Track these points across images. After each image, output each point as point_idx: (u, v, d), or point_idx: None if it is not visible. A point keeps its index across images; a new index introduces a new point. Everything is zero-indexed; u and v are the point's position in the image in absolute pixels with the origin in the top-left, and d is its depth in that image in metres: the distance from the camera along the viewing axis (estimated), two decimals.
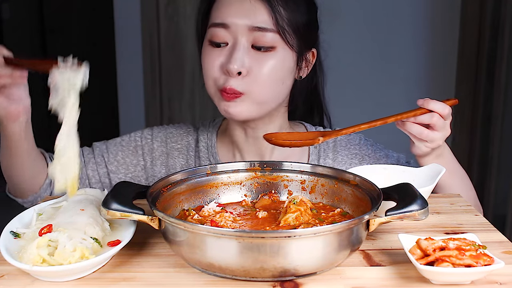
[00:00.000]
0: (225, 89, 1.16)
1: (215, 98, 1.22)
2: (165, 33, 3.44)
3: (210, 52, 1.19)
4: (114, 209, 0.83)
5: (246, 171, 1.06)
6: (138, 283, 0.82)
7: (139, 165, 1.32)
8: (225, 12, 1.17)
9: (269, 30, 1.16)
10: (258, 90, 1.17)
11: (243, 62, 1.15)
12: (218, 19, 1.18)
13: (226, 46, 1.18)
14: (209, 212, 0.97)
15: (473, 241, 0.82)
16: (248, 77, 1.16)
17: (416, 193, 0.87)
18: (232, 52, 1.16)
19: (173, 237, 0.82)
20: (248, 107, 1.18)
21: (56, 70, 0.93)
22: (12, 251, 0.84)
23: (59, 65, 0.93)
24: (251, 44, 1.16)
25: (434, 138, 1.12)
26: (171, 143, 1.35)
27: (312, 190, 1.04)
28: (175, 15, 3.44)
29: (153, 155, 1.33)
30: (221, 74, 1.18)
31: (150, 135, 1.35)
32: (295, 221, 0.92)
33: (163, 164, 1.33)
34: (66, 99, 0.91)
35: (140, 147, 1.33)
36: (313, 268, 0.80)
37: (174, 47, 3.44)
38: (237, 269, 0.78)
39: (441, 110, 1.10)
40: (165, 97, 3.55)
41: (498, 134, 3.02)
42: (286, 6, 1.17)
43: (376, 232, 0.97)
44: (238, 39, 1.16)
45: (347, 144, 1.34)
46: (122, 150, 1.33)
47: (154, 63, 3.46)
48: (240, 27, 1.16)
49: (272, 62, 1.17)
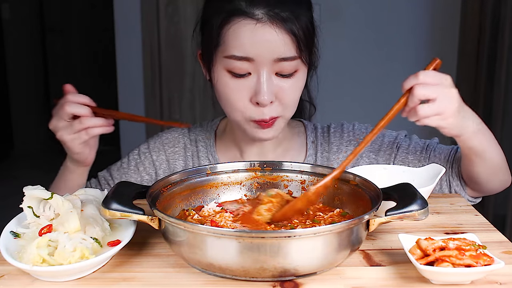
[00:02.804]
0: (265, 120, 1.16)
1: (246, 125, 1.20)
2: (165, 33, 3.44)
3: (232, 84, 1.15)
4: (114, 209, 0.83)
5: (246, 171, 1.06)
6: (138, 283, 0.82)
7: (144, 181, 1.35)
8: (248, 45, 1.11)
9: (293, 58, 1.14)
10: (288, 112, 1.20)
11: (271, 91, 1.14)
12: (240, 52, 1.12)
13: (249, 76, 1.15)
14: (209, 212, 0.98)
15: (473, 241, 0.82)
16: (278, 102, 1.17)
17: (416, 193, 0.88)
18: (258, 83, 1.13)
19: (173, 237, 0.82)
20: (280, 127, 1.21)
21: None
22: (12, 251, 0.84)
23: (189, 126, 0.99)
24: (275, 72, 1.15)
25: (437, 109, 0.97)
26: (168, 148, 1.37)
27: None
28: (175, 15, 3.43)
29: (155, 166, 1.36)
30: (249, 105, 1.16)
31: (146, 148, 1.37)
32: (267, 212, 0.94)
33: (166, 171, 1.34)
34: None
35: (141, 164, 1.36)
36: (313, 268, 0.80)
37: (174, 47, 3.44)
38: (237, 269, 0.78)
39: (415, 81, 0.97)
40: (165, 97, 3.55)
41: (498, 134, 3.01)
42: (301, 25, 1.13)
43: (376, 232, 0.97)
44: (261, 70, 1.13)
45: (341, 134, 1.34)
46: (125, 173, 1.36)
47: (154, 63, 3.46)
48: (266, 60, 1.12)
49: (296, 84, 1.18)
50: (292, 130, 1.37)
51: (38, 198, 0.92)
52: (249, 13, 1.11)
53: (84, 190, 1.00)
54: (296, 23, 1.12)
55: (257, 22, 1.11)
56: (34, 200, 0.92)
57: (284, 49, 1.12)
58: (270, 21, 1.11)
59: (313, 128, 1.38)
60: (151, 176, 1.36)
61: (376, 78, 3.37)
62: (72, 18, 5.18)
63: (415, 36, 3.33)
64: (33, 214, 0.91)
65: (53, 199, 0.91)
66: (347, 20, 3.31)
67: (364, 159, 1.32)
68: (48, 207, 0.91)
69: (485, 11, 3.12)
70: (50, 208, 0.91)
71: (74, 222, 0.86)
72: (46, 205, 0.92)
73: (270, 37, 1.11)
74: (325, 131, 1.37)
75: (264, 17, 1.11)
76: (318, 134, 1.36)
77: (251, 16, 1.11)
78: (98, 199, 0.98)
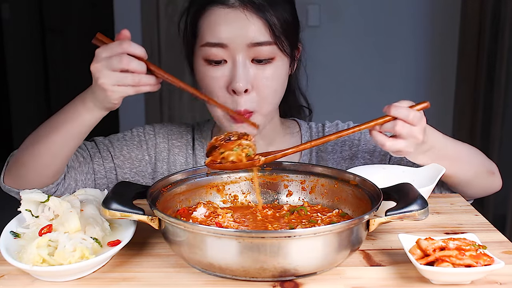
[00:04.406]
0: (239, 112, 1.14)
1: (224, 120, 1.19)
2: (165, 33, 3.45)
3: (210, 72, 1.16)
4: (114, 209, 0.83)
5: (246, 171, 1.06)
6: (138, 283, 0.82)
7: (144, 160, 1.33)
8: (220, 31, 1.13)
9: (267, 43, 1.14)
10: (266, 104, 1.18)
11: (247, 78, 1.14)
12: (214, 38, 1.14)
13: (225, 64, 1.15)
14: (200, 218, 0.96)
15: (473, 241, 0.82)
16: (254, 92, 1.15)
17: (416, 193, 0.88)
18: (234, 70, 1.14)
19: (173, 237, 0.82)
20: (259, 122, 1.18)
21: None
22: (12, 251, 0.84)
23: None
24: (251, 58, 1.15)
25: (399, 148, 1.04)
26: (172, 140, 1.36)
27: (312, 190, 1.04)
28: (175, 15, 3.43)
29: (156, 150, 1.34)
30: (226, 95, 1.16)
31: (152, 130, 1.36)
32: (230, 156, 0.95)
33: (165, 160, 1.33)
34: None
35: (144, 142, 1.34)
36: (313, 268, 0.80)
37: (174, 47, 3.44)
38: (237, 269, 0.78)
39: (404, 116, 1.01)
40: (165, 97, 3.54)
41: (498, 134, 3.01)
42: (277, 14, 1.15)
43: (376, 232, 0.97)
44: (237, 56, 1.14)
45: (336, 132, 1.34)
46: (127, 145, 1.33)
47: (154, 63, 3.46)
48: (239, 45, 1.13)
49: (274, 73, 1.16)
50: (286, 130, 1.36)
51: (35, 202, 0.92)
52: (222, 0, 1.14)
53: (84, 190, 1.00)
54: (270, 10, 1.14)
55: (228, 8, 1.14)
56: (31, 204, 0.92)
57: (256, 34, 1.13)
58: (242, 7, 1.14)
59: (308, 127, 1.37)
60: (151, 159, 1.33)
61: (375, 78, 3.36)
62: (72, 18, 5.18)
63: (415, 36, 3.33)
64: (31, 216, 0.91)
65: (50, 201, 0.90)
66: (346, 20, 3.31)
67: (359, 160, 1.32)
68: (48, 209, 0.91)
69: (485, 11, 3.12)
70: (49, 210, 0.91)
71: (74, 222, 0.86)
72: (45, 208, 0.91)
73: (242, 21, 1.13)
74: (320, 130, 1.37)
75: (235, 3, 1.14)
76: (312, 133, 1.36)
77: (223, 2, 1.14)
78: (98, 199, 0.98)
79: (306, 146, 1.03)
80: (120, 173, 1.30)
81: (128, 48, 0.99)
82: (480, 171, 1.23)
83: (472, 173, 1.21)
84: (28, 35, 5.12)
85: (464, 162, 1.20)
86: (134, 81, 0.99)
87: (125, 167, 1.30)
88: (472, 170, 1.21)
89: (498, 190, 1.30)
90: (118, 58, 0.98)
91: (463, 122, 3.26)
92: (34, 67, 5.24)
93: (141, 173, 1.32)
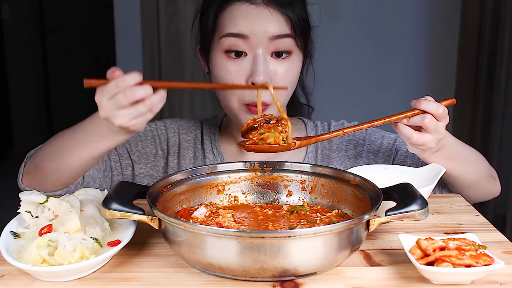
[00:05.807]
0: (256, 104, 1.13)
1: (239, 112, 1.20)
2: (165, 33, 3.44)
3: (229, 66, 1.18)
4: (114, 209, 0.83)
5: (246, 171, 1.06)
6: (138, 283, 0.82)
7: (157, 155, 1.34)
8: (242, 24, 1.16)
9: (288, 35, 1.17)
10: (281, 98, 1.19)
11: (267, 72, 1.16)
12: (235, 29, 1.16)
13: (244, 57, 1.17)
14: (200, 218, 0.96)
15: (473, 241, 0.82)
16: (271, 86, 1.16)
17: (416, 193, 0.88)
18: (255, 63, 1.16)
19: (173, 237, 0.82)
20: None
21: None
22: (12, 251, 0.84)
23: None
24: (270, 52, 1.17)
25: (425, 142, 1.07)
26: (182, 134, 1.38)
27: (312, 190, 1.04)
28: (175, 15, 3.43)
29: (168, 144, 1.36)
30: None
31: (163, 126, 1.38)
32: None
33: (175, 154, 1.35)
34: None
35: (157, 137, 1.36)
36: (313, 268, 0.80)
37: (174, 47, 3.44)
38: (237, 269, 0.78)
39: (434, 110, 1.05)
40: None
41: (498, 134, 3.01)
42: (295, 11, 1.18)
43: (376, 232, 0.97)
44: (257, 49, 1.16)
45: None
46: (141, 141, 1.34)
47: (154, 63, 3.46)
48: (260, 38, 1.15)
49: (290, 67, 1.19)
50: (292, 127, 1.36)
51: (35, 203, 0.92)
52: None
53: (84, 190, 1.00)
54: (290, 8, 1.18)
55: (251, 4, 1.17)
56: (31, 205, 0.92)
57: (278, 27, 1.16)
58: (265, 4, 1.17)
59: (314, 125, 1.38)
60: (164, 153, 1.34)
61: (375, 78, 3.36)
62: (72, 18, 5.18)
63: (415, 36, 3.33)
64: (31, 217, 0.91)
65: (49, 202, 0.91)
66: (346, 20, 3.31)
67: (363, 159, 1.33)
68: (47, 209, 0.91)
69: (485, 11, 3.12)
70: (49, 210, 0.91)
71: (74, 222, 0.86)
72: (44, 208, 0.91)
73: (264, 15, 1.16)
74: (326, 129, 1.37)
75: (258, 0, 1.17)
76: (318, 131, 1.37)
77: (246, 0, 1.17)
78: (98, 199, 0.98)
79: (338, 134, 1.07)
80: (137, 168, 1.32)
81: (125, 83, 0.94)
82: (484, 175, 1.24)
83: (477, 175, 1.22)
84: (28, 36, 5.12)
85: (470, 164, 1.21)
86: (148, 106, 0.95)
87: (141, 163, 1.32)
88: (477, 173, 1.22)
89: (497, 195, 1.32)
90: (122, 95, 0.93)
91: (463, 122, 3.25)
92: (34, 67, 5.24)
93: (155, 167, 1.34)
